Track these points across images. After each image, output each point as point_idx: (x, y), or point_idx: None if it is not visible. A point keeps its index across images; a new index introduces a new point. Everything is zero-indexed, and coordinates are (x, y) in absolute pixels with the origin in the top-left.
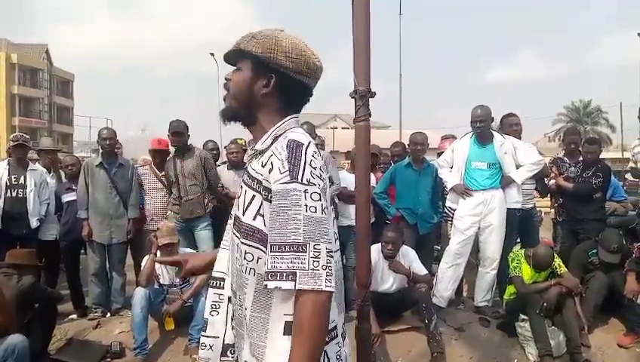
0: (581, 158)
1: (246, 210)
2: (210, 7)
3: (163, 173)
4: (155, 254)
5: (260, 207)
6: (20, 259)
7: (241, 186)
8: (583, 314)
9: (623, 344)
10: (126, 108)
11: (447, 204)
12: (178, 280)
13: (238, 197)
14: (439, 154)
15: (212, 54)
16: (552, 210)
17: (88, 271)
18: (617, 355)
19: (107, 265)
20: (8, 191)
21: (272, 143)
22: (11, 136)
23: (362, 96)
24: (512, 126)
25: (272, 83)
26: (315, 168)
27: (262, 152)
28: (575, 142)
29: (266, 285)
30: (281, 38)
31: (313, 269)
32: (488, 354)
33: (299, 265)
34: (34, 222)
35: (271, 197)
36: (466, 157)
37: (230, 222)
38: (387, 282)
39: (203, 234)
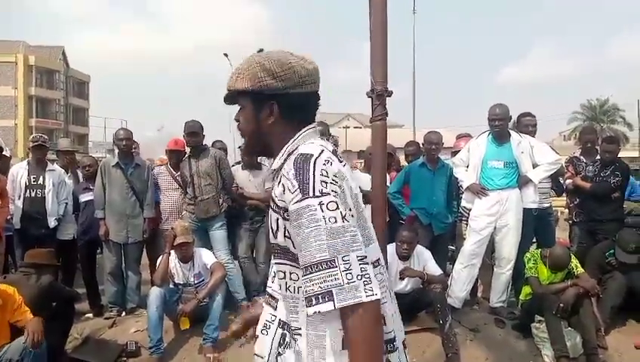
0: (598, 157)
1: (276, 232)
2: (223, 9)
3: (179, 172)
4: (169, 253)
5: (285, 229)
6: (38, 259)
7: (269, 211)
8: (600, 315)
9: None
10: (141, 110)
11: (463, 203)
12: (193, 279)
13: (269, 222)
14: (454, 153)
15: (226, 55)
16: (567, 210)
17: (104, 270)
18: (635, 357)
19: (123, 265)
20: (27, 191)
21: (284, 161)
22: (31, 136)
23: (379, 95)
24: (527, 126)
25: (274, 110)
26: (326, 176)
27: (276, 172)
28: (592, 140)
29: (307, 312)
30: (263, 61)
31: (349, 282)
32: (503, 355)
33: (332, 282)
34: (52, 222)
35: (289, 217)
36: (482, 156)
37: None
38: (401, 282)
39: (218, 233)
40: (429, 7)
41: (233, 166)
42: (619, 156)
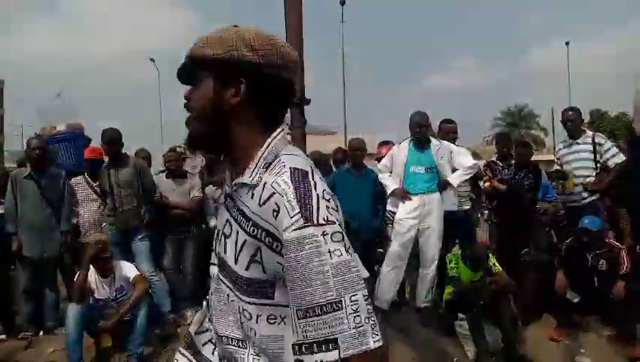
0: (513, 161)
1: (237, 258)
2: (149, 15)
3: (97, 183)
4: (88, 268)
5: (257, 253)
6: None
7: (229, 222)
8: (517, 310)
9: (554, 337)
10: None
11: (388, 207)
12: (114, 293)
13: (227, 236)
14: (378, 160)
15: (152, 60)
16: (487, 211)
17: (18, 287)
18: (549, 348)
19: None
20: None
21: (264, 173)
22: None
23: (297, 103)
24: (449, 133)
25: (242, 89)
26: (328, 200)
27: (253, 186)
28: (506, 146)
29: (301, 361)
30: (241, 29)
31: (356, 327)
32: (430, 353)
33: (338, 327)
34: None
35: (279, 247)
36: (405, 161)
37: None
38: None
39: (140, 245)
40: (357, 17)
41: (157, 175)
42: (535, 159)
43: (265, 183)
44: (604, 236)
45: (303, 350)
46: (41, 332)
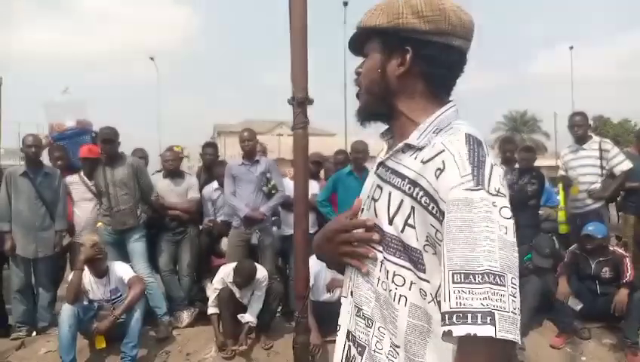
0: (517, 166)
1: (393, 217)
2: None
3: (93, 182)
4: (82, 269)
5: (411, 215)
6: None
7: (378, 186)
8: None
9: (555, 345)
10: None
11: None
12: (109, 294)
13: (376, 200)
14: None
15: (152, 59)
16: None
17: (12, 287)
18: (550, 356)
19: (33, 281)
20: None
21: (434, 137)
22: None
23: (300, 103)
24: None
25: (407, 58)
26: (501, 175)
27: (418, 148)
28: (510, 150)
29: (450, 331)
30: None
31: (513, 312)
32: None
33: (498, 303)
34: None
35: (435, 209)
36: None
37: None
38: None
39: (136, 246)
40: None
41: (153, 175)
42: (537, 164)
43: (434, 143)
44: (608, 243)
45: (454, 319)
46: (34, 333)
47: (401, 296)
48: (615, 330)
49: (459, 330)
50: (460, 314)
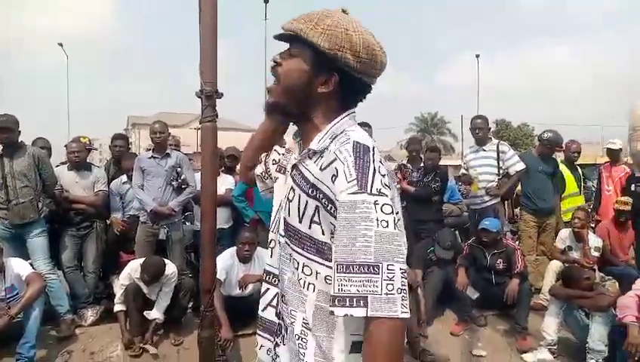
0: (422, 164)
1: (302, 216)
2: None
3: None
4: None
5: (316, 213)
6: None
7: (292, 188)
8: (423, 307)
9: (455, 332)
10: None
11: None
12: (4, 293)
13: (290, 200)
14: None
15: (60, 44)
16: None
17: None
18: (451, 343)
19: None
20: None
21: (330, 143)
22: None
23: (208, 96)
24: None
25: (332, 82)
26: (384, 176)
27: (318, 153)
28: (416, 150)
29: (332, 311)
30: (351, 31)
31: (387, 293)
32: None
33: (371, 288)
34: None
35: (332, 209)
36: None
37: (276, 225)
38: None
39: (37, 241)
40: (281, 13)
41: (58, 166)
42: (444, 164)
43: (329, 151)
44: (502, 237)
45: (336, 302)
46: None
47: (309, 283)
48: (508, 317)
49: (339, 311)
50: (340, 298)
